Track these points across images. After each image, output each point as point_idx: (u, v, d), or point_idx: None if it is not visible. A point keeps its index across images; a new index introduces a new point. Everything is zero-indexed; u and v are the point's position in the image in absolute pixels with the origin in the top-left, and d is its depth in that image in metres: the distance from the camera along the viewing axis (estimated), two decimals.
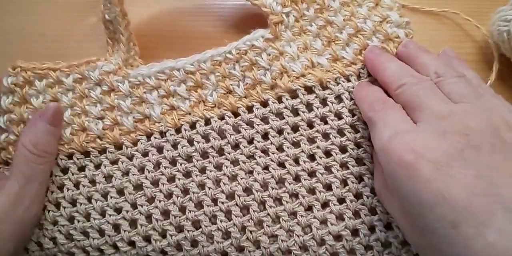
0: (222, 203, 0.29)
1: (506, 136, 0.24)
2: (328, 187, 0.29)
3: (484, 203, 0.21)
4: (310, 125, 0.30)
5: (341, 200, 0.29)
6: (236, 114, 0.30)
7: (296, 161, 0.29)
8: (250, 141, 0.30)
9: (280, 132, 0.30)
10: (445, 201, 0.22)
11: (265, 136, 0.30)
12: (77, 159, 0.30)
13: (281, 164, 0.29)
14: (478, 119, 0.24)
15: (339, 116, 0.30)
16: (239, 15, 0.38)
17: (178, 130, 0.30)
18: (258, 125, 0.30)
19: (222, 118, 0.30)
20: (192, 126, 0.30)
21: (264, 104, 0.30)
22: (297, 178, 0.29)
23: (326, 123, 0.30)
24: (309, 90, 0.30)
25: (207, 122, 0.30)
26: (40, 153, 0.28)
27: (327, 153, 0.30)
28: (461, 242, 0.21)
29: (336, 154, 0.29)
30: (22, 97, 0.30)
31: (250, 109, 0.30)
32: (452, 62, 0.29)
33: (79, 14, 0.37)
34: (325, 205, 0.29)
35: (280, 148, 0.30)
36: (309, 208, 0.29)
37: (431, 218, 0.22)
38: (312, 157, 0.30)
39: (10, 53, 0.35)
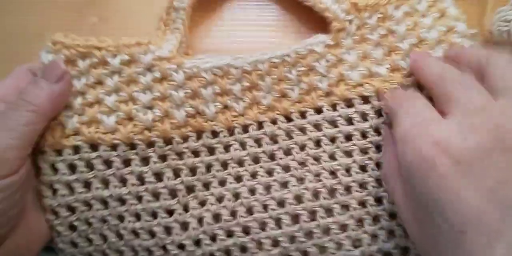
0: (273, 210, 0.28)
1: None
2: (379, 201, 0.28)
3: (497, 213, 0.19)
4: (364, 135, 0.29)
5: (392, 215, 0.28)
6: (288, 119, 0.30)
7: (348, 171, 0.29)
8: (302, 148, 0.29)
9: (333, 140, 0.29)
10: (458, 202, 0.20)
11: (317, 143, 0.29)
12: (123, 151, 0.28)
13: (332, 173, 0.29)
14: None
15: None
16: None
17: (230, 131, 0.29)
18: (310, 131, 0.29)
19: (274, 122, 0.29)
20: (245, 129, 0.29)
21: (318, 110, 0.30)
22: (347, 189, 0.28)
23: (379, 134, 0.29)
24: (365, 99, 0.30)
25: (260, 125, 0.29)
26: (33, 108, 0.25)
27: (378, 166, 0.29)
28: (467, 249, 0.20)
29: None
30: None
31: (302, 114, 0.30)
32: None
33: (79, 14, 0.36)
34: (375, 219, 0.28)
35: (332, 157, 0.29)
36: (359, 221, 0.28)
37: (441, 217, 0.21)
38: (363, 168, 0.29)
39: (10, 53, 0.34)
